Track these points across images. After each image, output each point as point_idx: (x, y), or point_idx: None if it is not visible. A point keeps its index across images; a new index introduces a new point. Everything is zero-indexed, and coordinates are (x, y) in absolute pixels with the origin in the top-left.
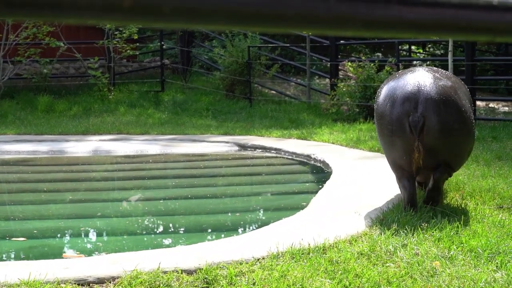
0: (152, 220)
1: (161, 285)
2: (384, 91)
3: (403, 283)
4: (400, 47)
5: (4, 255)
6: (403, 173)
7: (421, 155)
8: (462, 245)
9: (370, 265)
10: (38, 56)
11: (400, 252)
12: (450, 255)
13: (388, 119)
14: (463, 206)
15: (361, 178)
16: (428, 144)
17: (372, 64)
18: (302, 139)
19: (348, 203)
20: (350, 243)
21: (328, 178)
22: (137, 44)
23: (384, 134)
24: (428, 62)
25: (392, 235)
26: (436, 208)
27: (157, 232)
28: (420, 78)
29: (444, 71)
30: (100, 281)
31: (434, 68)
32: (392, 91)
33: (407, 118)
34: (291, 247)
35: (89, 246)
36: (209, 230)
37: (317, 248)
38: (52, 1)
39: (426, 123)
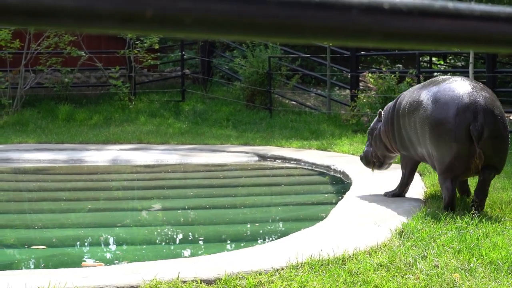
0: (171, 229)
1: None
2: (433, 98)
3: None
4: (420, 58)
5: (24, 263)
6: (449, 175)
7: (482, 161)
8: (482, 257)
9: (389, 276)
10: (60, 65)
11: (419, 264)
12: (470, 268)
13: (450, 126)
14: (483, 218)
15: (381, 189)
16: (486, 150)
17: (392, 76)
18: (322, 150)
19: (368, 214)
20: (369, 255)
21: (348, 189)
22: (158, 53)
23: (441, 140)
24: (449, 74)
25: (411, 246)
26: (456, 219)
27: (177, 241)
28: (470, 88)
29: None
30: None
31: (466, 77)
32: (449, 100)
33: (468, 127)
34: (311, 258)
35: (108, 255)
36: (228, 240)
37: (336, 259)
38: (74, 11)
39: (484, 131)
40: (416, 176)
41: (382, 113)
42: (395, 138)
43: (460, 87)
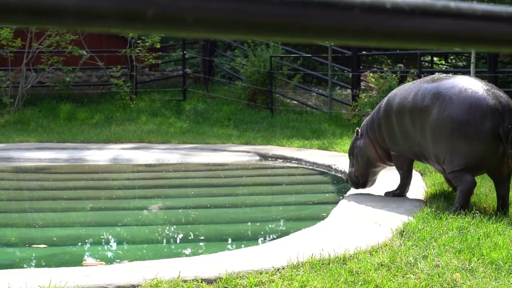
0: (172, 229)
1: None
2: (452, 98)
3: None
4: (422, 58)
5: (25, 262)
6: (469, 171)
7: None
8: (483, 257)
9: (390, 276)
10: (61, 64)
11: (420, 263)
12: (470, 267)
13: (478, 127)
14: (484, 218)
15: (381, 189)
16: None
17: (394, 75)
18: (323, 149)
19: (369, 214)
20: (370, 254)
21: (349, 189)
22: (160, 53)
23: (467, 140)
24: (450, 74)
25: (412, 246)
26: (457, 219)
27: (177, 241)
28: (489, 88)
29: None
30: None
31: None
32: (475, 100)
33: (497, 128)
34: (311, 257)
35: (109, 254)
36: (229, 240)
37: (337, 259)
38: (76, 10)
39: (511, 131)
40: (417, 176)
41: (360, 129)
42: (383, 138)
43: (478, 86)
